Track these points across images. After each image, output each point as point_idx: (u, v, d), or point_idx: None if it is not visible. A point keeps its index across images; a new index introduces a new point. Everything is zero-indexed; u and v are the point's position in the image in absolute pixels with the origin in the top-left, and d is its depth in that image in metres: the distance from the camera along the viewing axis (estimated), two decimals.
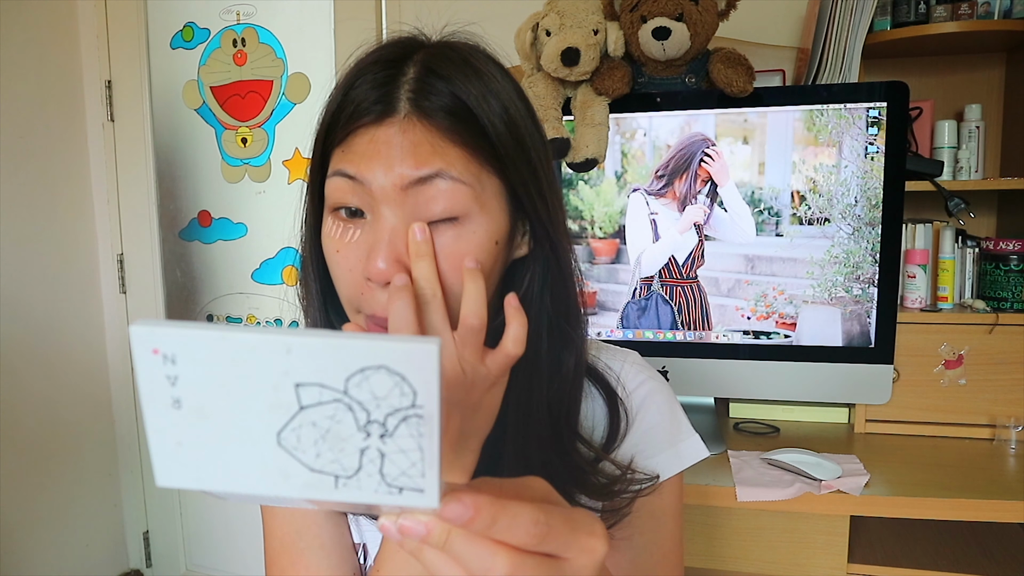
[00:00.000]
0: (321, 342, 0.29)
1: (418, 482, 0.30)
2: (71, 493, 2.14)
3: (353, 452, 0.30)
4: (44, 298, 2.04)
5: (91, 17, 2.11)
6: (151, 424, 0.31)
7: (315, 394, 0.29)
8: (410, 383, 0.29)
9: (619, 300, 1.49)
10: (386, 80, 0.51)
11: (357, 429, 0.30)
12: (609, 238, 1.48)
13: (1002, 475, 1.32)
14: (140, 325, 0.29)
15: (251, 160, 2.02)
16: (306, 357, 0.29)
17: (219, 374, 0.29)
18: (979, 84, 1.64)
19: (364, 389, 0.29)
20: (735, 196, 1.41)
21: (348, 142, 0.51)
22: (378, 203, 0.50)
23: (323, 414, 0.30)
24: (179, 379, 0.29)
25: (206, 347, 0.29)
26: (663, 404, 0.66)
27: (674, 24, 1.34)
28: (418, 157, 0.49)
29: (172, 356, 0.29)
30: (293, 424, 0.30)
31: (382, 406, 0.29)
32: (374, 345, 0.28)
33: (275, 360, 0.29)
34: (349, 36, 1.86)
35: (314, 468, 0.31)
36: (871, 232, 1.37)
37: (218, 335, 0.29)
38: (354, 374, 0.29)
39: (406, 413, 0.30)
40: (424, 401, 0.29)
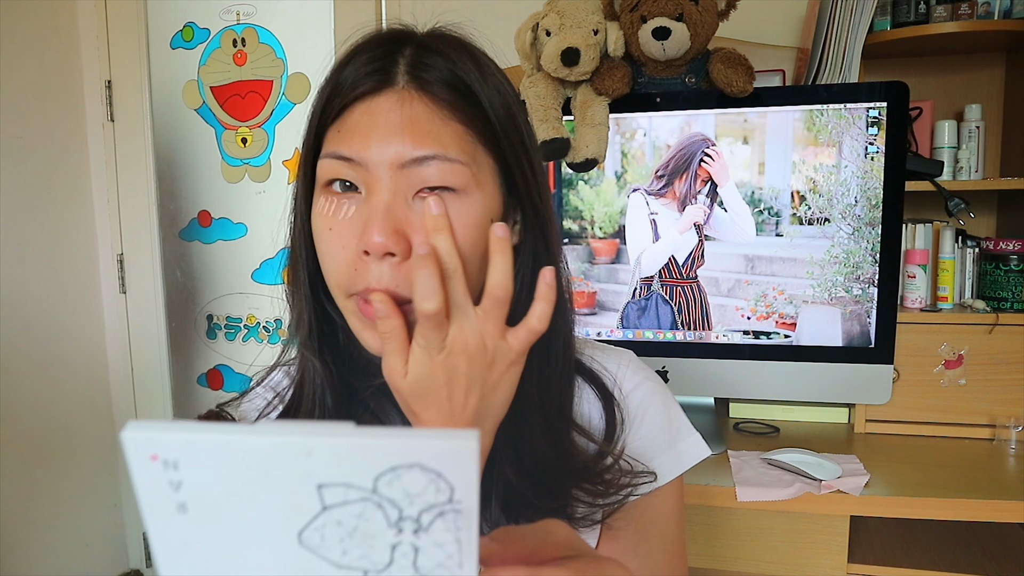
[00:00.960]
0: (346, 443, 0.27)
1: (455, 572, 0.29)
2: (71, 493, 2.14)
3: (383, 548, 0.29)
4: (44, 298, 2.04)
5: (91, 17, 2.11)
6: (153, 529, 0.28)
7: (340, 494, 0.28)
8: (447, 480, 0.27)
9: (619, 300, 1.49)
10: (382, 56, 0.51)
11: (388, 526, 0.28)
12: (609, 238, 1.48)
13: (1002, 475, 1.32)
14: (134, 430, 0.26)
15: (251, 160, 2.02)
16: (329, 459, 0.27)
17: (229, 478, 0.27)
18: (979, 84, 1.64)
19: (396, 487, 0.27)
20: (735, 196, 1.41)
21: (343, 118, 0.50)
22: (373, 178, 0.49)
23: (349, 513, 0.28)
24: (183, 484, 0.27)
25: (213, 452, 0.27)
26: (661, 405, 0.65)
27: (674, 24, 1.34)
28: (416, 135, 0.49)
29: (174, 462, 0.27)
30: (316, 524, 0.28)
31: (416, 503, 0.28)
32: (407, 444, 0.27)
33: (294, 464, 0.27)
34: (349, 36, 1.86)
35: (340, 564, 0.29)
36: (871, 232, 1.37)
37: (225, 440, 0.27)
38: (384, 473, 0.27)
39: (442, 508, 0.28)
40: (462, 496, 0.28)
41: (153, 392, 2.22)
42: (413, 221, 0.50)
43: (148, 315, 2.18)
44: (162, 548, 0.29)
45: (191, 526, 0.28)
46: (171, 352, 2.20)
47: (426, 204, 0.48)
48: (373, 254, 0.49)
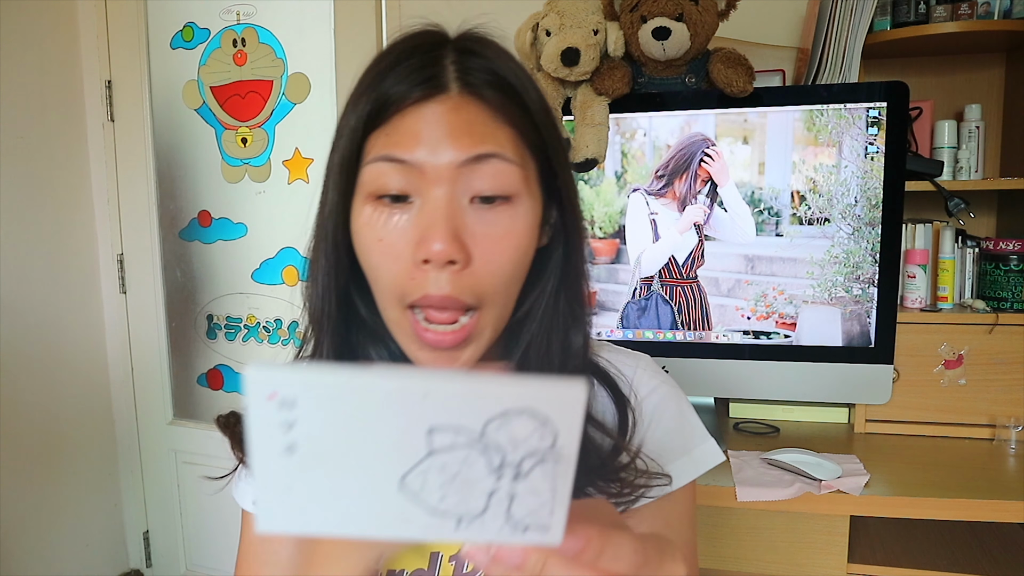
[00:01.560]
0: (463, 387, 0.28)
1: (545, 521, 0.30)
2: (71, 493, 2.14)
3: (481, 494, 0.29)
4: (44, 298, 2.04)
5: (91, 17, 2.11)
6: (259, 469, 0.29)
7: (448, 439, 0.28)
8: (553, 425, 0.28)
9: (619, 300, 1.49)
10: (428, 62, 0.50)
11: (488, 472, 0.29)
12: (609, 238, 1.48)
13: (1002, 475, 1.32)
14: (257, 369, 0.27)
15: (251, 160, 2.02)
16: (444, 402, 0.28)
17: (343, 419, 0.28)
18: (979, 84, 1.64)
19: (503, 432, 0.28)
20: (735, 196, 1.41)
21: (392, 124, 0.49)
22: (429, 183, 0.48)
23: (454, 458, 0.29)
24: (296, 424, 0.28)
25: (333, 392, 0.28)
26: (676, 410, 0.65)
27: (674, 24, 1.34)
28: (473, 136, 0.48)
29: (291, 401, 0.28)
30: (419, 468, 0.29)
31: (519, 449, 0.29)
32: (520, 390, 0.28)
33: (409, 406, 0.28)
34: (349, 36, 1.86)
35: (436, 510, 0.30)
36: (871, 232, 1.37)
37: (348, 380, 0.27)
38: (495, 418, 0.28)
39: (544, 455, 0.29)
40: (564, 443, 0.29)
41: (153, 392, 2.22)
42: (471, 227, 0.49)
43: (148, 315, 2.18)
44: (265, 490, 0.29)
45: (296, 468, 0.29)
46: (171, 352, 2.20)
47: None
48: (434, 262, 0.47)
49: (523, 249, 0.52)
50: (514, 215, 0.50)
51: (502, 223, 0.50)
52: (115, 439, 2.28)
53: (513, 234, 0.50)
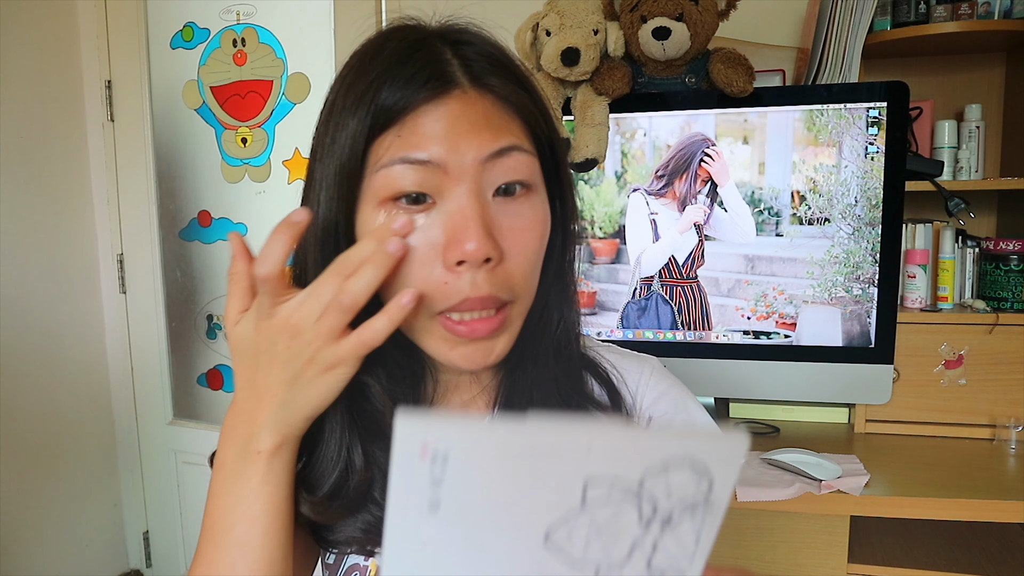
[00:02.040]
0: (627, 437, 0.27)
1: (683, 569, 0.29)
2: (71, 493, 2.14)
3: (625, 544, 0.29)
4: (44, 298, 2.04)
5: (91, 17, 2.11)
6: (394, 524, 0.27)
7: (604, 490, 0.27)
8: (711, 475, 0.27)
9: (619, 300, 1.49)
10: (430, 58, 0.48)
11: (638, 522, 0.28)
12: (609, 238, 1.48)
13: (1002, 475, 1.32)
14: (410, 418, 0.25)
15: (251, 160, 2.02)
16: (607, 454, 0.27)
17: (496, 476, 0.26)
18: (979, 84, 1.64)
19: (660, 482, 0.27)
20: (735, 196, 1.41)
21: (404, 125, 0.47)
22: (453, 182, 0.47)
23: (606, 510, 0.28)
24: (444, 481, 0.26)
25: (491, 448, 0.26)
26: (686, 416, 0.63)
27: (674, 24, 1.34)
28: (492, 129, 0.48)
29: (444, 456, 0.26)
30: (569, 521, 0.28)
31: (673, 498, 0.28)
32: (684, 440, 0.27)
33: (571, 459, 0.26)
34: (349, 36, 1.86)
35: (576, 561, 0.29)
36: (871, 232, 1.37)
37: (510, 436, 0.26)
38: (654, 467, 0.27)
39: (695, 503, 0.28)
40: (719, 493, 0.28)
41: (153, 392, 2.21)
42: (498, 222, 0.48)
43: (148, 315, 2.18)
44: (398, 543, 0.28)
45: (436, 524, 0.27)
46: (171, 352, 2.20)
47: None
48: (470, 263, 0.46)
49: (545, 238, 0.52)
50: (534, 205, 0.50)
51: (526, 215, 0.50)
52: (115, 439, 2.27)
53: (537, 224, 0.50)
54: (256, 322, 0.46)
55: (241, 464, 0.48)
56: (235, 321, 0.47)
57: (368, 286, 0.44)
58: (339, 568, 0.58)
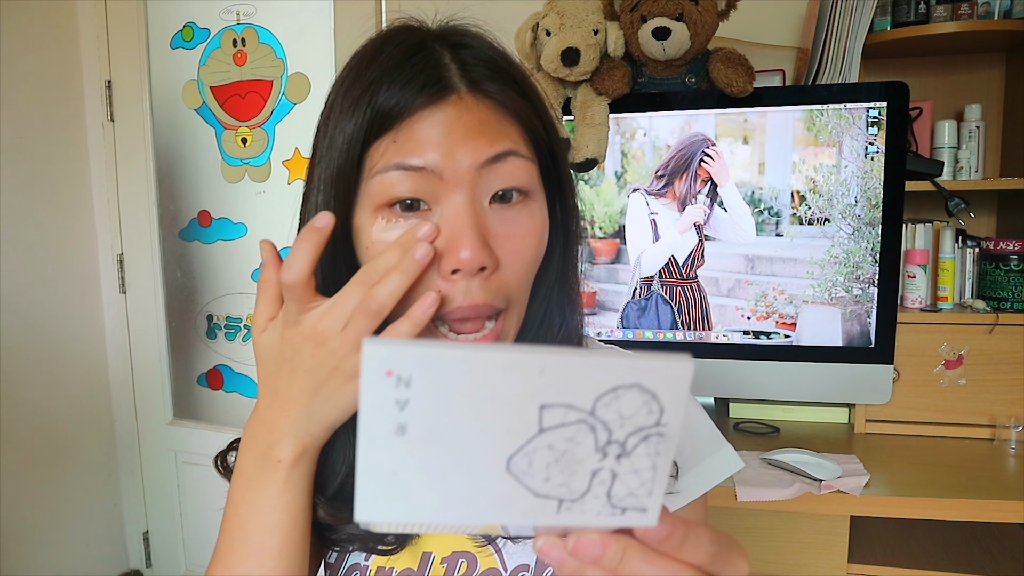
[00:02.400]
0: (579, 361, 0.27)
1: (643, 502, 0.30)
2: (71, 493, 2.14)
3: (584, 474, 0.29)
4: (44, 298, 2.04)
5: (91, 17, 2.10)
6: (365, 453, 0.28)
7: (559, 415, 0.28)
8: (660, 401, 0.28)
9: (619, 300, 1.49)
10: (428, 62, 0.48)
11: (595, 450, 0.29)
12: (609, 238, 1.48)
13: (1002, 475, 1.32)
14: (375, 344, 0.27)
15: (251, 160, 2.02)
16: (559, 377, 0.27)
17: (457, 397, 0.27)
18: (979, 84, 1.64)
19: (612, 409, 0.28)
20: (735, 196, 1.41)
21: (401, 131, 0.46)
22: (448, 189, 0.46)
23: (563, 436, 0.28)
24: (410, 403, 0.27)
25: (450, 368, 0.27)
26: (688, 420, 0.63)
27: (674, 24, 1.34)
28: (489, 135, 0.47)
29: (408, 378, 0.27)
30: (528, 448, 0.28)
31: (626, 425, 0.28)
32: (630, 364, 0.27)
33: (525, 381, 0.27)
34: (349, 36, 1.86)
35: (539, 493, 0.29)
36: (871, 232, 1.37)
37: (468, 354, 0.27)
38: (605, 393, 0.28)
39: (648, 432, 0.29)
40: (669, 419, 0.28)
41: (153, 392, 2.21)
42: (493, 229, 0.48)
43: (148, 315, 2.18)
44: (368, 475, 0.29)
45: (404, 450, 0.28)
46: (171, 352, 2.20)
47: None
48: (465, 271, 0.46)
49: (542, 245, 0.51)
50: (531, 212, 0.50)
51: (522, 222, 0.49)
52: (115, 439, 2.27)
53: (534, 231, 0.50)
54: (282, 330, 0.46)
55: (261, 473, 0.48)
56: (262, 328, 0.47)
57: (395, 292, 0.44)
58: (340, 567, 0.58)
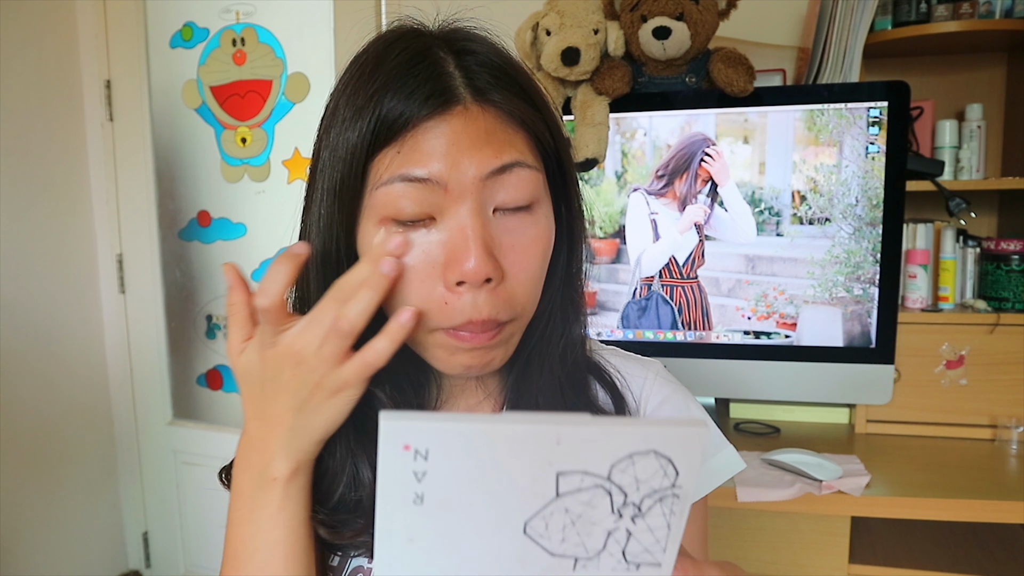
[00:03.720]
0: (595, 430, 0.28)
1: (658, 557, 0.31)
2: (71, 494, 2.13)
3: (600, 534, 0.30)
4: (43, 298, 2.03)
5: (90, 17, 2.10)
6: (383, 520, 0.30)
7: (575, 481, 0.29)
8: (675, 465, 0.29)
9: (619, 300, 1.48)
10: (432, 71, 0.47)
11: (611, 512, 0.30)
12: (609, 238, 1.47)
13: (1003, 476, 1.32)
14: (393, 419, 0.28)
15: (251, 160, 2.02)
16: (575, 446, 0.28)
17: (474, 468, 0.29)
18: (980, 84, 1.63)
19: (628, 474, 0.29)
20: (735, 196, 1.41)
21: (405, 141, 0.46)
22: (453, 200, 0.46)
23: (579, 500, 0.30)
24: (427, 475, 0.29)
25: (467, 441, 0.28)
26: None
27: (674, 24, 1.34)
28: (494, 145, 0.47)
29: (425, 451, 0.28)
30: (544, 512, 0.30)
31: (642, 488, 0.30)
32: (646, 431, 0.29)
33: (542, 451, 0.28)
34: (349, 36, 1.86)
35: (555, 553, 0.31)
36: (872, 232, 1.37)
37: (484, 428, 0.28)
38: (622, 459, 0.29)
39: (663, 494, 0.30)
40: (684, 481, 0.30)
41: (152, 392, 2.21)
42: (498, 239, 0.47)
43: (147, 315, 2.18)
44: (387, 541, 0.30)
45: (422, 517, 0.30)
46: (170, 352, 2.19)
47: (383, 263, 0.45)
48: (470, 283, 0.46)
49: (547, 254, 0.51)
50: (537, 220, 0.49)
51: (528, 231, 0.49)
52: (114, 439, 2.27)
53: (539, 240, 0.50)
54: (260, 351, 0.46)
55: (258, 491, 0.48)
56: (239, 351, 0.47)
57: (365, 310, 0.44)
58: (343, 570, 0.58)
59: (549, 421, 0.28)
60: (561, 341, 0.56)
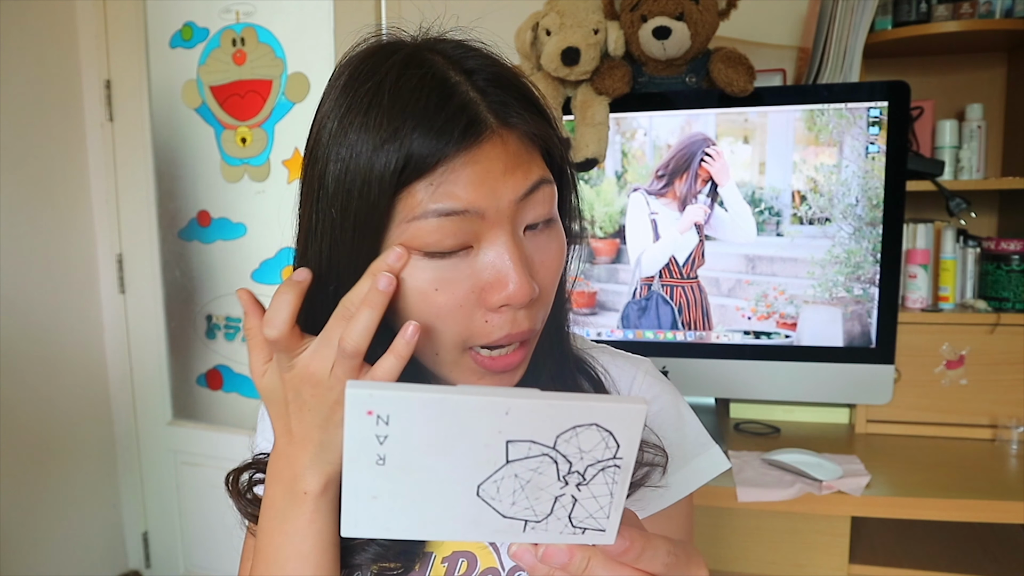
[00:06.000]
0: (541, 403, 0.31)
1: (602, 523, 0.34)
2: (70, 493, 2.13)
3: (548, 499, 0.33)
4: (43, 298, 2.03)
5: (90, 17, 2.10)
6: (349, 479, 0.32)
7: (523, 449, 0.32)
8: (616, 438, 0.32)
9: (619, 300, 1.48)
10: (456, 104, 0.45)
11: (557, 479, 0.33)
12: (609, 238, 1.47)
13: (1003, 476, 1.32)
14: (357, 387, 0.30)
15: (250, 160, 2.02)
16: (523, 417, 0.31)
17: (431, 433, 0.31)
18: (980, 84, 1.63)
19: (572, 444, 0.32)
20: (735, 196, 1.41)
21: (437, 175, 0.45)
22: (490, 226, 0.46)
23: (527, 467, 0.32)
24: (389, 438, 0.31)
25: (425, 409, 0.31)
26: (676, 419, 0.63)
27: (674, 23, 1.34)
28: (524, 167, 0.48)
29: (386, 417, 0.31)
30: (495, 476, 0.33)
31: (585, 458, 0.32)
32: (589, 406, 0.31)
33: (492, 420, 0.31)
34: (349, 36, 1.86)
35: (506, 515, 0.33)
36: (872, 232, 1.37)
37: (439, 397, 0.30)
38: (565, 431, 0.32)
39: (605, 464, 0.33)
40: (625, 454, 0.32)
41: (152, 392, 2.21)
42: (530, 257, 0.49)
43: (147, 315, 2.18)
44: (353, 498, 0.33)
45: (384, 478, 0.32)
46: (170, 352, 2.19)
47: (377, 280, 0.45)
48: (514, 306, 0.47)
49: (564, 260, 0.53)
50: (558, 233, 0.51)
51: (552, 245, 0.51)
52: (114, 439, 2.27)
53: (560, 252, 0.51)
54: (280, 374, 0.48)
55: (290, 506, 0.49)
56: (261, 373, 0.49)
57: (366, 329, 0.45)
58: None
59: (500, 394, 0.31)
60: (550, 335, 0.57)
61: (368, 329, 0.45)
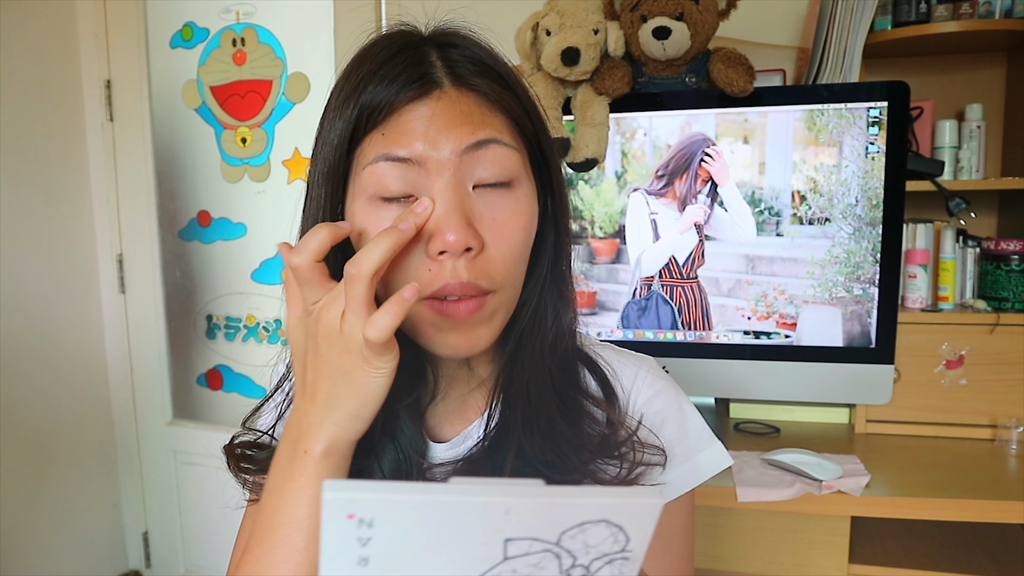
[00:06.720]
0: (544, 503, 0.28)
1: None
2: (71, 493, 2.13)
3: None
4: (43, 298, 2.03)
5: (90, 17, 2.10)
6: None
7: (524, 547, 0.29)
8: (626, 532, 0.29)
9: (619, 300, 1.48)
10: (414, 60, 0.50)
11: (559, 573, 0.30)
12: (609, 238, 1.47)
13: (1003, 476, 1.32)
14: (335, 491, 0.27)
15: (251, 160, 2.02)
16: (525, 517, 0.28)
17: (421, 536, 0.28)
18: (980, 84, 1.63)
19: (578, 540, 0.29)
20: (735, 196, 1.41)
21: (388, 124, 0.49)
22: (432, 176, 0.49)
23: (527, 562, 0.30)
24: (372, 540, 0.28)
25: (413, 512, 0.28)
26: (679, 415, 0.63)
27: (674, 24, 1.34)
28: (471, 124, 0.49)
29: (370, 520, 0.28)
30: (491, 573, 0.30)
31: (591, 552, 0.30)
32: (600, 503, 0.28)
33: (490, 521, 0.28)
34: (349, 36, 1.86)
35: None
36: (872, 232, 1.37)
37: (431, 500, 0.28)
38: (572, 528, 0.29)
39: (613, 557, 0.30)
40: (635, 547, 0.30)
41: (152, 392, 2.21)
42: (479, 212, 0.50)
43: (147, 315, 2.18)
44: None
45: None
46: (170, 352, 2.19)
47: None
48: (451, 253, 0.48)
49: (529, 231, 0.53)
50: (517, 198, 0.52)
51: (507, 206, 0.51)
52: (114, 439, 2.27)
53: (519, 216, 0.52)
54: (304, 319, 0.49)
55: (291, 463, 0.49)
56: (293, 326, 0.50)
57: (378, 256, 0.45)
58: None
59: (498, 492, 0.28)
60: (551, 330, 0.57)
61: (380, 256, 0.45)
